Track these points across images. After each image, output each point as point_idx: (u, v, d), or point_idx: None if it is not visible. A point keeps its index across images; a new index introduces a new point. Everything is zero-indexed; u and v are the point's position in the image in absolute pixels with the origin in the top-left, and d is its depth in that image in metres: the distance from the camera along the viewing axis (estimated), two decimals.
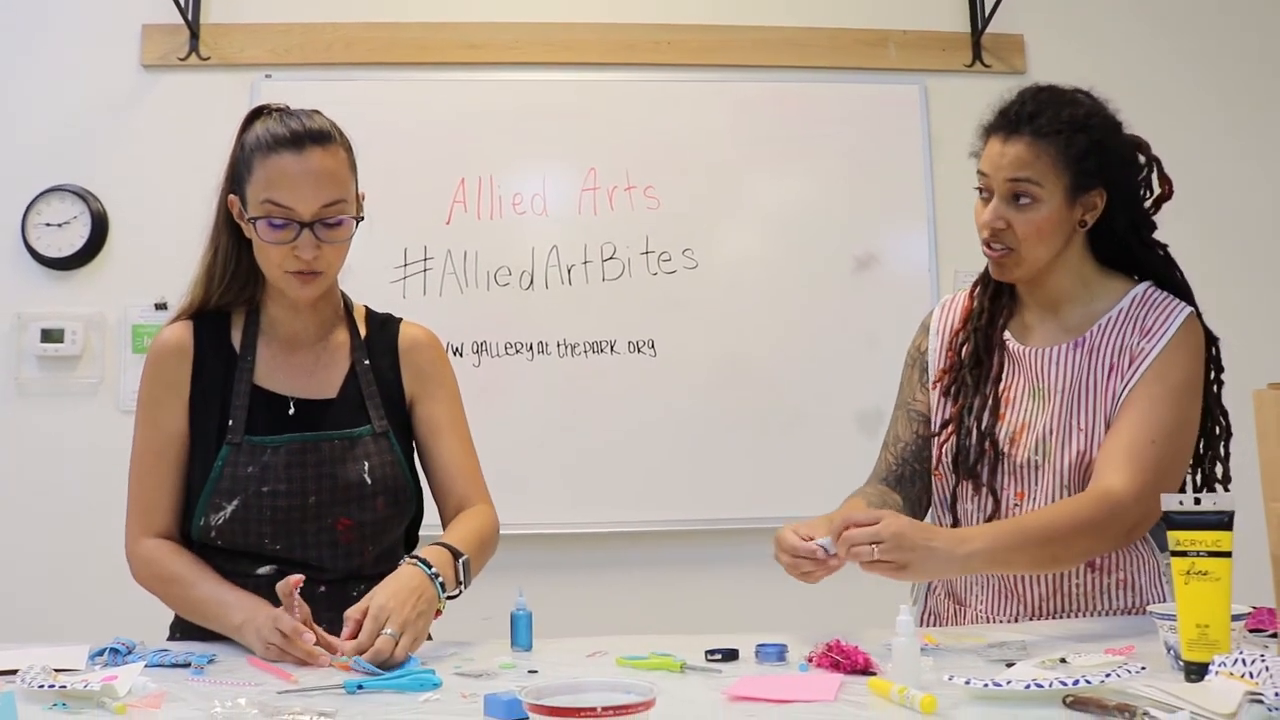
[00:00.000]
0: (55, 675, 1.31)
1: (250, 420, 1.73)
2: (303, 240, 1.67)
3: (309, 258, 1.68)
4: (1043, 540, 1.62)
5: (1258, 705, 1.07)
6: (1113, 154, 1.76)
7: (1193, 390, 1.74)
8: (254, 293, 1.79)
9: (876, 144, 3.40)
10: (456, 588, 1.64)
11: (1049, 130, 1.71)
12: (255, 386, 1.76)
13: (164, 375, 1.76)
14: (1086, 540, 1.65)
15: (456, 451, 1.84)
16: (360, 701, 1.28)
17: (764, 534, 3.15)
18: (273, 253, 1.69)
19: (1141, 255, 1.83)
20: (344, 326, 1.84)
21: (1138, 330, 1.75)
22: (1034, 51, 3.49)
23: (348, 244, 1.74)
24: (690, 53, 3.42)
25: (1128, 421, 1.70)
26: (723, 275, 3.33)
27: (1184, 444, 1.73)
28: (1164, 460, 1.68)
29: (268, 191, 1.66)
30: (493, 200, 3.30)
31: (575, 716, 0.95)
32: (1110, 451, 1.69)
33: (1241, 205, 3.48)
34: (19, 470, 3.18)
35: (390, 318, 1.90)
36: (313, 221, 1.67)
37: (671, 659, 1.44)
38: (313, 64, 3.32)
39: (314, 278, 1.71)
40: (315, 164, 1.67)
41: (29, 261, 3.22)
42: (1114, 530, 1.65)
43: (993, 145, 1.76)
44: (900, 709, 1.21)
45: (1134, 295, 1.79)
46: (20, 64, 3.29)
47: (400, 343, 1.86)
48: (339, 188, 1.69)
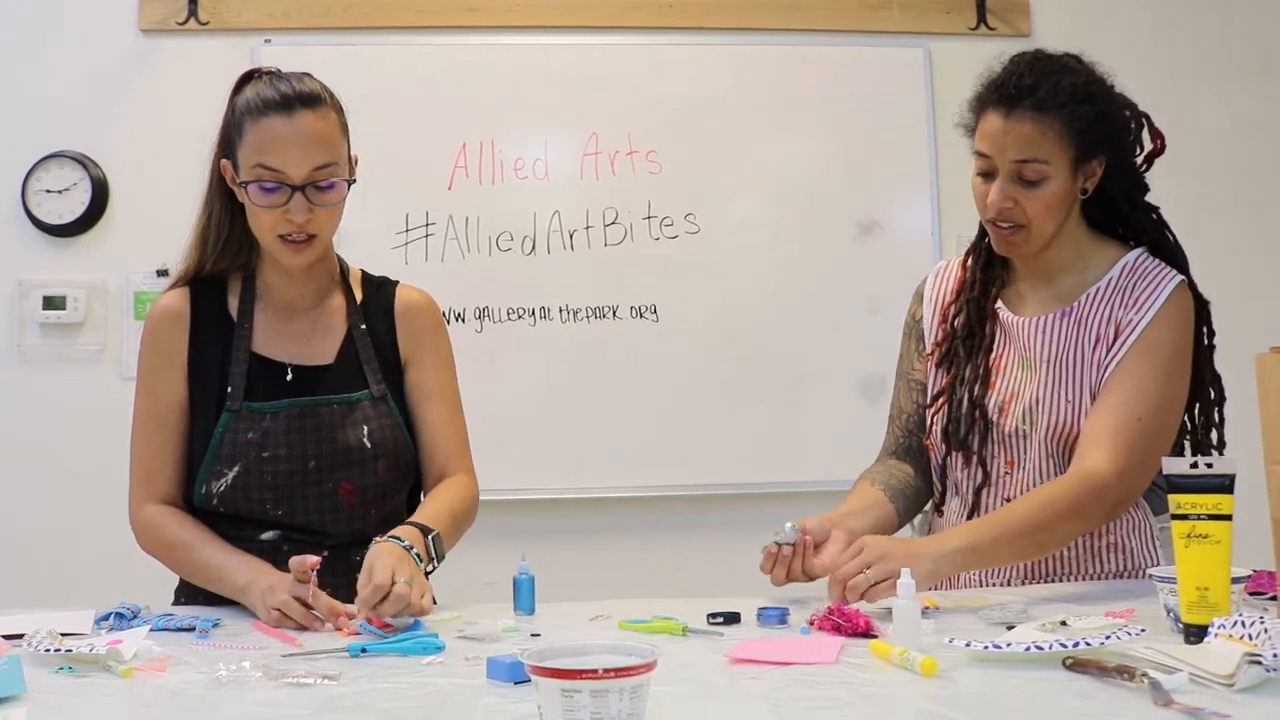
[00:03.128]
0: (61, 639, 1.32)
1: (249, 387, 1.73)
2: (294, 203, 1.66)
3: (301, 221, 1.67)
4: (1024, 530, 1.63)
5: (1256, 666, 1.07)
6: (1113, 121, 1.73)
7: (1181, 364, 1.73)
8: (249, 259, 1.79)
9: (879, 108, 3.38)
10: (429, 563, 1.63)
11: (1052, 104, 1.66)
12: (253, 353, 1.76)
13: (161, 343, 1.76)
14: (1068, 525, 1.66)
15: (443, 419, 1.83)
16: (364, 664, 1.29)
17: (766, 499, 3.22)
18: (265, 217, 1.68)
19: (1133, 218, 1.82)
20: (340, 291, 1.84)
21: (1125, 301, 1.73)
22: (1039, 14, 3.45)
23: (340, 207, 1.73)
24: (692, 16, 3.40)
25: (1114, 397, 1.69)
26: (725, 241, 3.32)
27: (1171, 420, 1.73)
28: (1149, 437, 1.68)
29: (258, 155, 1.66)
30: (494, 165, 3.28)
31: (577, 678, 0.95)
32: (1095, 429, 1.69)
33: (1248, 167, 3.46)
34: (22, 437, 3.19)
35: (387, 280, 1.90)
36: (304, 185, 1.66)
37: (673, 622, 1.45)
38: (312, 28, 3.29)
39: (307, 243, 1.70)
40: (305, 127, 1.66)
41: (30, 228, 3.21)
42: (1096, 511, 1.66)
43: (991, 122, 1.71)
44: (901, 671, 1.22)
45: (1124, 263, 1.77)
46: (18, 30, 3.26)
47: (397, 306, 1.85)
48: (330, 150, 1.68)
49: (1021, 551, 1.67)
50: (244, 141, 1.68)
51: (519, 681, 1.16)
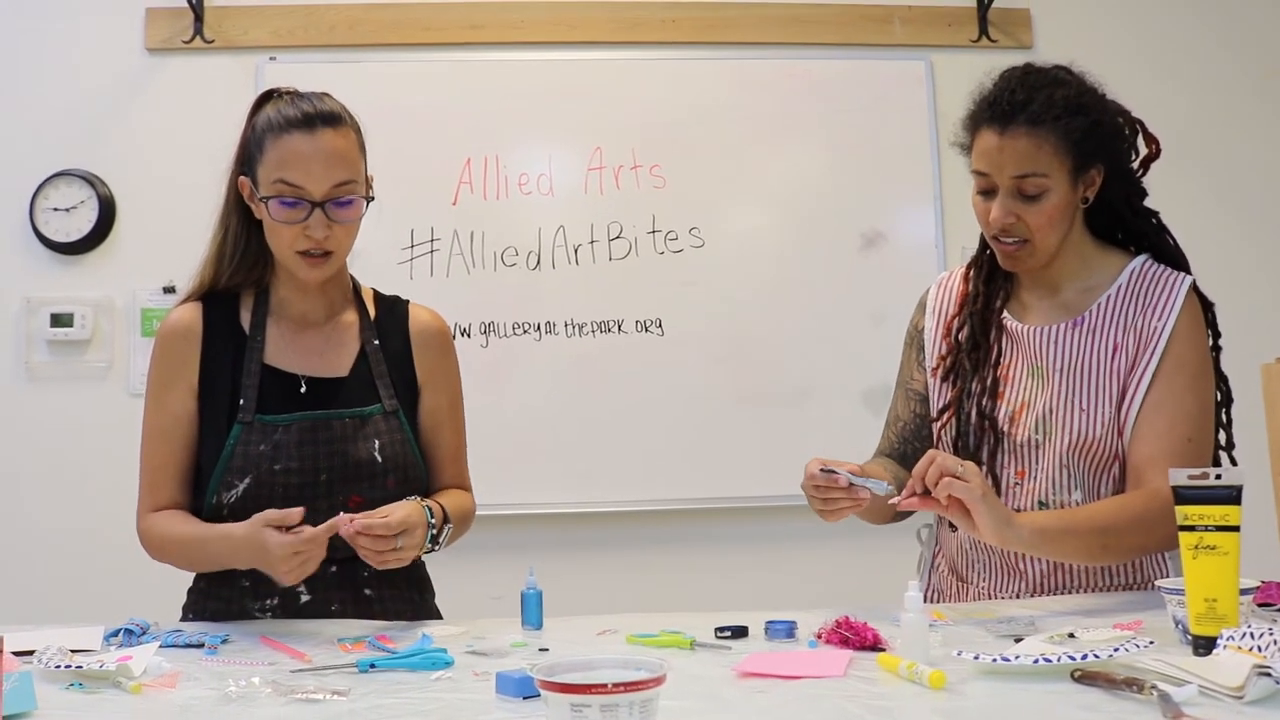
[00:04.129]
0: (71, 656, 1.33)
1: (261, 399, 1.74)
2: (314, 219, 1.68)
3: (320, 237, 1.69)
4: (1095, 529, 1.63)
5: (1266, 678, 1.07)
6: (1107, 129, 1.74)
7: (1207, 369, 1.75)
8: (263, 274, 1.81)
9: (882, 121, 3.38)
10: (432, 547, 1.70)
11: (1046, 117, 1.67)
12: (265, 365, 1.77)
13: (171, 357, 1.77)
14: (1138, 535, 1.65)
15: (451, 443, 1.88)
16: (372, 680, 1.29)
17: (772, 512, 3.22)
18: (284, 233, 1.70)
19: (1134, 224, 1.82)
20: (353, 308, 1.85)
21: (1140, 307, 1.74)
22: (1040, 26, 3.46)
23: (358, 225, 1.75)
24: (695, 30, 3.41)
25: (1162, 421, 1.70)
26: (730, 254, 3.32)
27: (1211, 428, 1.75)
28: (1201, 453, 1.70)
29: (279, 171, 1.68)
30: (499, 180, 3.30)
31: (587, 693, 0.95)
32: (1151, 455, 1.69)
33: (1250, 174, 3.46)
34: (30, 453, 3.19)
35: (398, 300, 1.91)
36: (324, 201, 1.68)
37: (681, 636, 1.45)
38: (316, 46, 3.31)
39: (324, 259, 1.72)
40: (327, 144, 1.69)
41: (37, 246, 3.23)
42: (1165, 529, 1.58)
43: (986, 140, 1.71)
44: (909, 684, 1.22)
45: (1131, 270, 1.78)
46: (25, 49, 3.29)
47: (412, 326, 1.87)
48: (349, 168, 1.71)
49: (1089, 550, 1.66)
50: (264, 158, 1.70)
51: (528, 696, 1.17)
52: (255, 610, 1.72)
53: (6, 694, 1.08)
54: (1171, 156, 1.84)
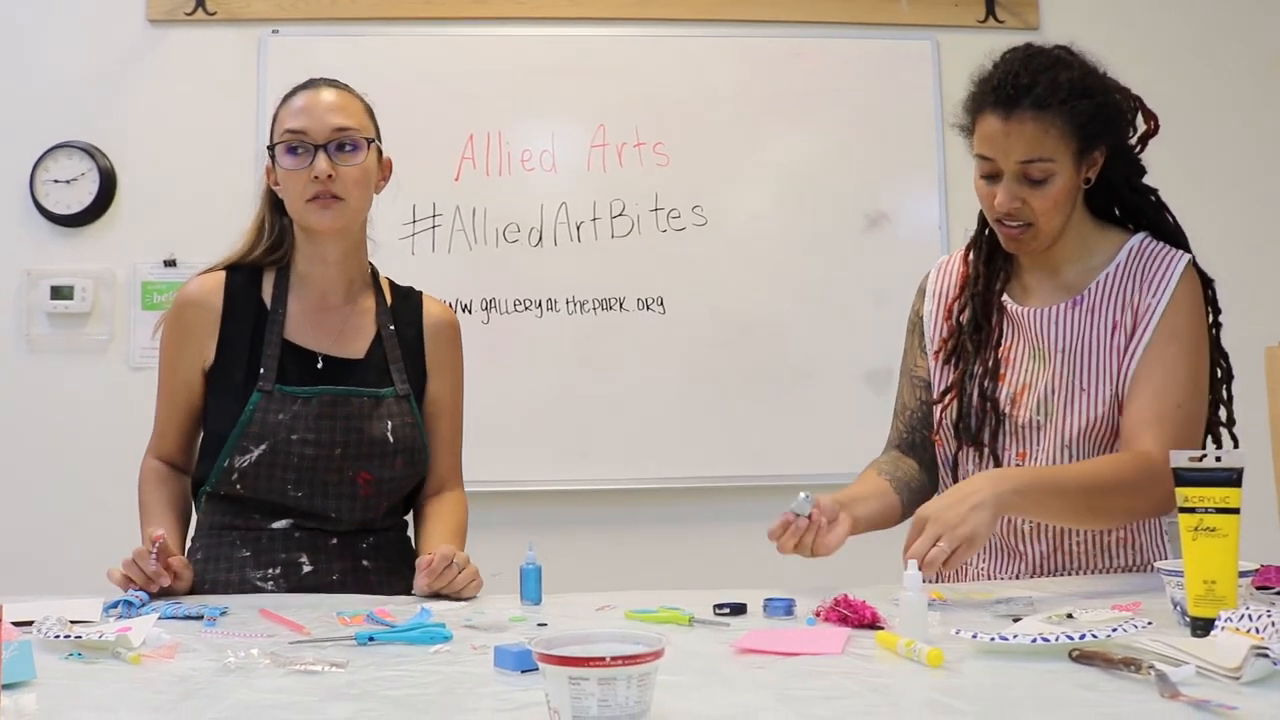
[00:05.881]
0: (71, 626, 1.33)
1: (279, 371, 1.78)
2: (317, 160, 1.74)
3: (323, 175, 1.74)
4: (1081, 488, 1.62)
5: (1263, 659, 1.07)
6: (1110, 110, 1.72)
7: (1202, 342, 1.74)
8: (287, 253, 1.86)
9: (887, 101, 3.37)
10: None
11: (1052, 101, 1.65)
12: (285, 340, 1.80)
13: (185, 325, 1.82)
14: (1127, 497, 1.65)
15: (448, 434, 1.93)
16: (371, 653, 1.29)
17: (773, 491, 3.21)
18: (294, 182, 1.76)
19: (1133, 202, 1.82)
20: (371, 293, 1.90)
21: (1138, 284, 1.74)
22: (1048, 6, 3.44)
23: (366, 176, 1.80)
24: (700, 8, 3.39)
25: (1151, 387, 1.69)
26: (732, 233, 3.32)
27: (1203, 399, 1.74)
28: (1192, 421, 1.70)
29: (285, 124, 1.78)
30: (501, 157, 3.28)
31: (584, 666, 0.96)
32: (1140, 420, 1.68)
33: (1255, 157, 3.44)
34: (30, 427, 3.20)
35: (412, 290, 1.96)
36: (326, 144, 1.75)
37: (680, 613, 1.45)
38: (319, 19, 3.27)
39: (333, 203, 1.76)
40: (328, 96, 1.80)
41: (38, 218, 3.22)
42: (1154, 493, 1.61)
43: (990, 124, 1.69)
44: (907, 662, 1.22)
45: (1129, 248, 1.77)
46: (26, 20, 3.26)
47: (425, 318, 1.93)
48: (351, 118, 1.79)
49: (1075, 509, 1.64)
50: (276, 124, 1.81)
51: (526, 670, 1.17)
52: (257, 580, 1.75)
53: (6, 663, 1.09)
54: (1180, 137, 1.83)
